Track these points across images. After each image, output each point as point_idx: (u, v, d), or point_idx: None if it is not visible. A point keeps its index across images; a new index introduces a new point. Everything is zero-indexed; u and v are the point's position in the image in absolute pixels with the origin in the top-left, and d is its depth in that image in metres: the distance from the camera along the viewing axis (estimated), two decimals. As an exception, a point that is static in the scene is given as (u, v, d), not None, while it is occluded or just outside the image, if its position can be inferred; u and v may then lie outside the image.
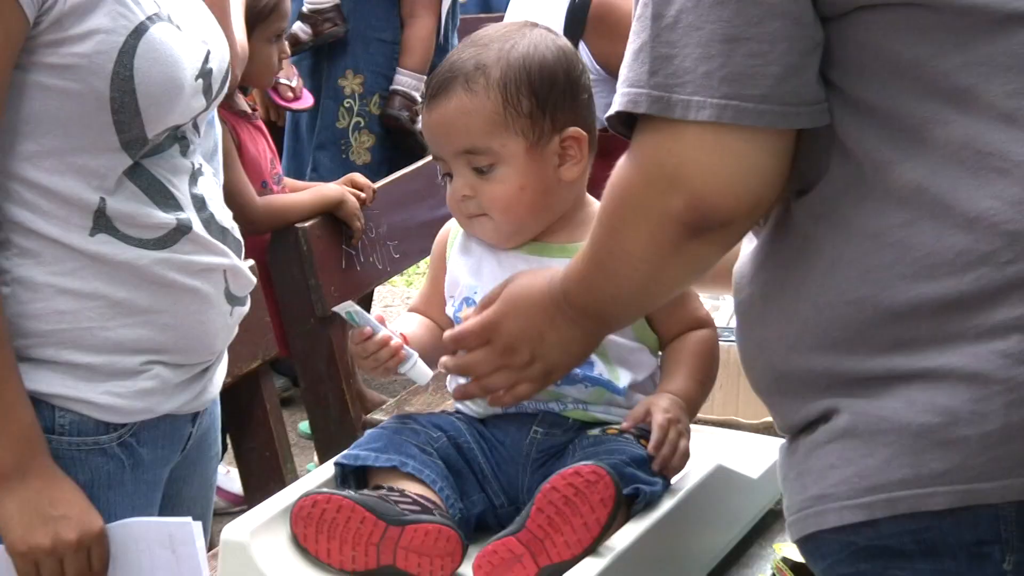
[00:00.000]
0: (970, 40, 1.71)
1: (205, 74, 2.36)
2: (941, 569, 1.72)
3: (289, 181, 4.68)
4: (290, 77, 5.28)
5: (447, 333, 2.21)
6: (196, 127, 2.42)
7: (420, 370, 2.29)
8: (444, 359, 2.23)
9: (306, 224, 4.33)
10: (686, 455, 2.21)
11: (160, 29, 2.27)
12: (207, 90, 2.38)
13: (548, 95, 2.27)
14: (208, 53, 2.38)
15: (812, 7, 1.74)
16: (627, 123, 1.82)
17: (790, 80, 1.73)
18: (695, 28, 1.74)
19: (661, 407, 2.20)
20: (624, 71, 1.80)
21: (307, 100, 5.35)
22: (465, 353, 2.19)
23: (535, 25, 2.36)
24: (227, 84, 2.46)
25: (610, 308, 2.03)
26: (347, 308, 2.29)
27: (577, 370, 2.25)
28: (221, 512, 4.79)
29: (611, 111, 1.82)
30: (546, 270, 2.14)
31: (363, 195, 4.57)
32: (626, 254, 1.88)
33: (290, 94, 5.25)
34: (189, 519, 2.36)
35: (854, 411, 1.75)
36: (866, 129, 1.75)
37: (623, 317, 2.12)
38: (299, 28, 5.55)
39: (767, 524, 2.51)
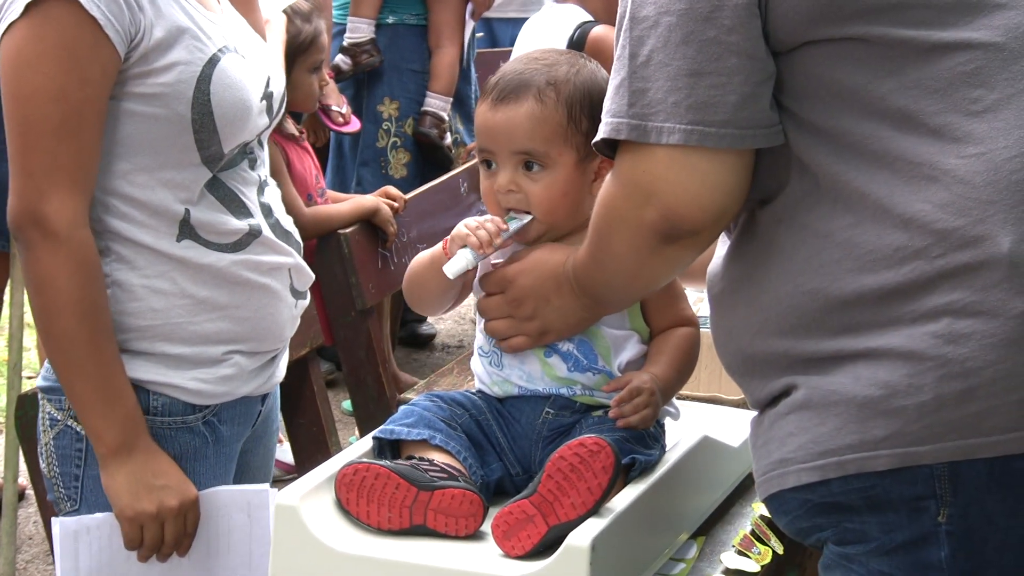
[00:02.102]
0: (901, 68, 1.73)
1: (268, 96, 2.39)
2: (885, 521, 1.74)
3: (331, 194, 4.69)
4: (340, 105, 5.30)
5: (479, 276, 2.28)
6: (260, 143, 2.44)
7: (459, 265, 2.21)
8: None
9: (347, 230, 4.34)
10: (645, 419, 2.19)
11: (229, 59, 2.30)
12: (269, 110, 2.41)
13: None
14: (269, 78, 2.40)
15: (764, 43, 1.77)
16: (610, 145, 1.86)
17: (747, 107, 1.75)
18: (664, 64, 1.76)
19: (639, 377, 2.21)
20: (607, 103, 1.84)
21: (355, 125, 5.38)
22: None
23: (584, 57, 2.35)
24: (284, 105, 2.48)
25: (604, 292, 2.08)
26: (516, 217, 2.25)
27: (585, 360, 2.26)
28: (275, 479, 4.79)
29: (597, 137, 1.86)
30: (568, 247, 2.18)
31: (396, 205, 4.60)
32: (613, 254, 1.92)
33: (340, 119, 5.28)
34: (267, 486, 2.39)
35: (809, 386, 1.76)
36: (816, 146, 1.77)
37: (616, 301, 2.16)
38: (341, 60, 5.57)
39: (746, 487, 2.50)
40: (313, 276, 2.54)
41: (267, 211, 2.42)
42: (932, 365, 1.68)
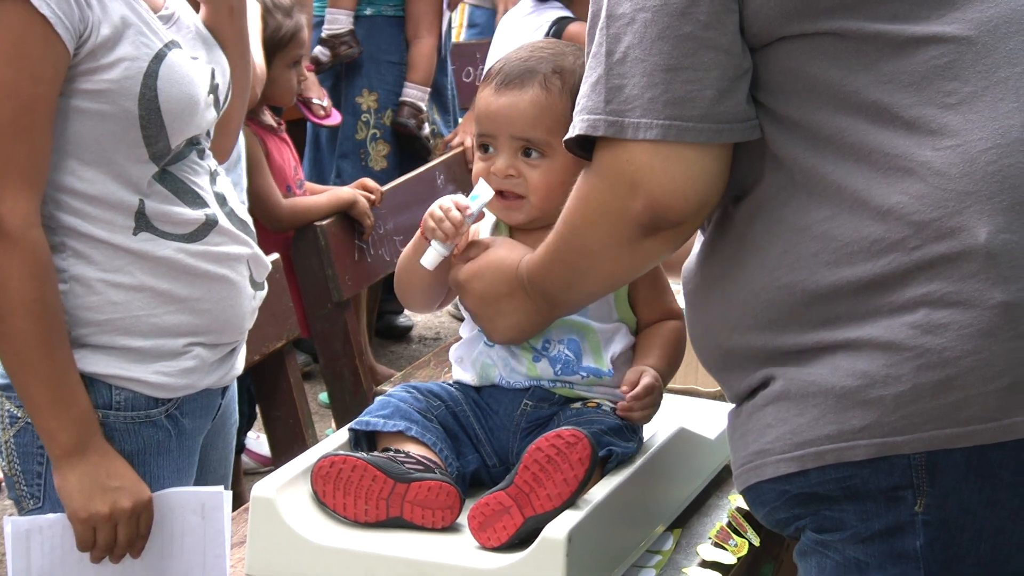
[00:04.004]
0: (875, 62, 1.75)
1: (214, 88, 2.38)
2: (863, 510, 1.74)
3: (309, 185, 4.68)
4: (322, 98, 5.30)
5: None
6: (208, 134, 2.42)
7: (432, 257, 2.23)
8: None
9: (324, 222, 4.34)
10: (647, 417, 2.22)
11: (176, 54, 2.29)
12: (216, 103, 2.40)
13: None
14: (213, 71, 2.39)
15: (741, 39, 1.77)
16: (581, 145, 1.85)
17: (724, 102, 1.76)
18: (641, 60, 1.76)
19: (651, 374, 2.21)
20: (583, 100, 1.83)
21: (336, 118, 5.38)
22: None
23: None
24: (231, 95, 2.47)
25: (564, 294, 2.06)
26: (485, 190, 2.25)
27: (576, 360, 2.25)
28: (251, 472, 4.80)
29: (571, 134, 1.84)
30: (524, 248, 2.17)
31: (373, 197, 4.59)
32: (586, 250, 1.91)
33: (322, 112, 5.28)
34: (221, 488, 2.37)
35: (787, 378, 1.77)
36: (792, 140, 1.78)
37: (574, 302, 2.14)
38: (319, 51, 5.56)
39: (723, 479, 2.51)
40: (270, 265, 2.53)
41: (221, 200, 2.41)
42: (910, 355, 1.69)
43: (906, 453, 1.70)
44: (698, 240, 1.96)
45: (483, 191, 2.26)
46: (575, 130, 1.83)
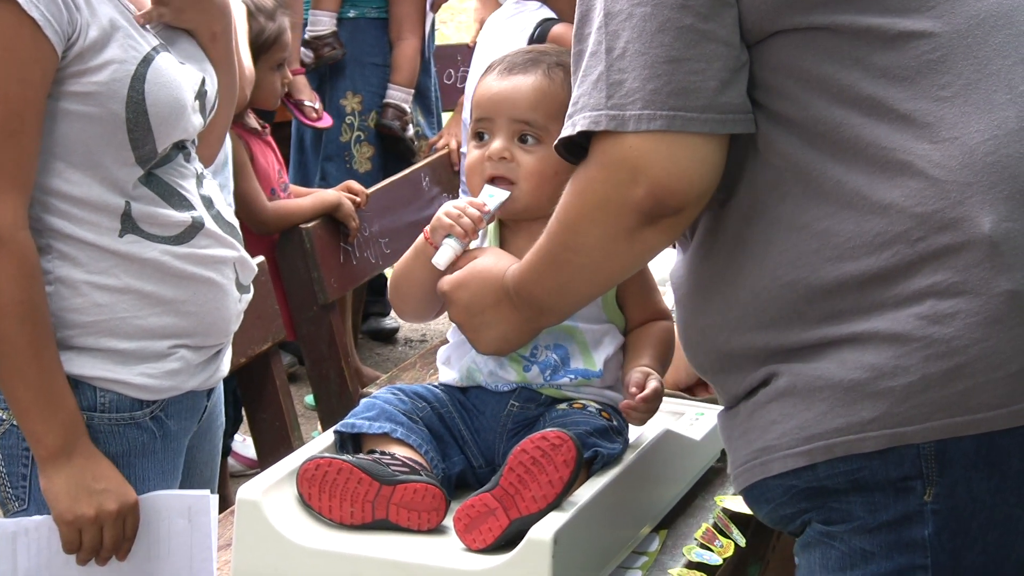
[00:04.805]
0: (868, 56, 1.75)
1: (201, 95, 2.38)
2: (871, 501, 1.75)
3: (294, 188, 4.68)
4: (313, 100, 5.30)
5: None
6: (194, 139, 2.42)
7: (447, 255, 2.23)
8: None
9: (309, 225, 4.34)
10: (644, 421, 2.23)
11: (163, 58, 2.29)
12: (203, 109, 2.40)
13: None
14: (203, 79, 2.39)
15: (739, 32, 1.77)
16: (568, 149, 1.85)
17: (725, 93, 1.76)
18: (641, 54, 1.76)
19: (658, 378, 2.21)
20: (582, 99, 1.81)
21: (327, 121, 5.39)
22: None
23: None
24: (217, 104, 2.46)
25: (552, 299, 2.03)
26: (497, 192, 2.27)
27: (563, 364, 2.25)
28: (237, 474, 4.79)
29: (572, 132, 1.82)
30: (511, 257, 2.16)
31: (358, 199, 4.59)
32: (580, 246, 1.89)
33: (314, 115, 5.28)
34: (207, 492, 2.36)
35: (792, 373, 1.77)
36: (787, 137, 1.78)
37: (563, 308, 2.10)
38: (303, 53, 5.55)
39: (709, 480, 2.51)
40: (256, 268, 2.53)
41: (208, 203, 2.40)
42: (918, 346, 1.70)
43: (916, 443, 1.71)
44: (680, 253, 1.96)
45: (496, 192, 2.27)
46: (576, 127, 1.81)
